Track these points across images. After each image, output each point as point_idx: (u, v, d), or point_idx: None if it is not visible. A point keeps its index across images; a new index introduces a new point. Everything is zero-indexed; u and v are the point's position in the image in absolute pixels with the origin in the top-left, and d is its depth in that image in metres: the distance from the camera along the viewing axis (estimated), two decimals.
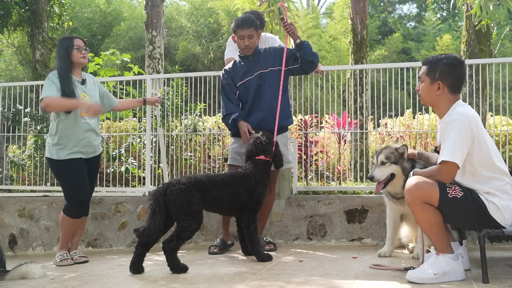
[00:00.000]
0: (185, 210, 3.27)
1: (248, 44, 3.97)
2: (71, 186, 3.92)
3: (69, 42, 3.98)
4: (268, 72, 3.99)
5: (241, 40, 4.01)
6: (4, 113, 5.55)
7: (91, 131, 3.98)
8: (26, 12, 8.18)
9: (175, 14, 18.63)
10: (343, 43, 16.85)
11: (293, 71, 4.04)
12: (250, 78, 3.99)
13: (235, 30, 4.02)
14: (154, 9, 7.37)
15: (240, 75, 4.02)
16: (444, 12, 21.92)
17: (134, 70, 7.43)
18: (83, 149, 3.93)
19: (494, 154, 2.91)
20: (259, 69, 4.00)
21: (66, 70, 3.91)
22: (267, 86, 3.97)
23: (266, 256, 3.56)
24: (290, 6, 6.33)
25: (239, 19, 4.07)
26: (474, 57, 5.90)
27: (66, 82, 3.85)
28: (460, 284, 2.78)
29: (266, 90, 3.97)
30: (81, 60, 3.98)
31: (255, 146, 3.63)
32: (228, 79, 4.05)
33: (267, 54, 4.05)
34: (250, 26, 3.95)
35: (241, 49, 4.05)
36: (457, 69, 2.99)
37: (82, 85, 3.99)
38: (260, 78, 3.98)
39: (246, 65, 4.03)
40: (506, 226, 2.86)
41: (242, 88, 4.00)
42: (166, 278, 3.16)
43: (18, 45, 12.32)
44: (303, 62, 3.93)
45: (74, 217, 3.94)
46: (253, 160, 3.62)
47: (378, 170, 3.38)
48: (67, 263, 3.88)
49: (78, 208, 3.94)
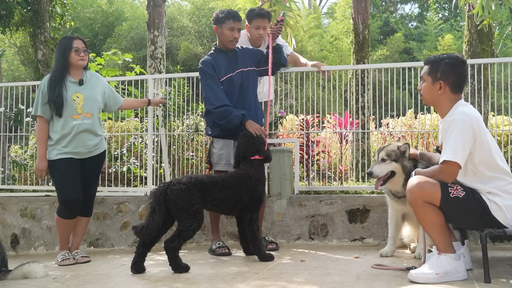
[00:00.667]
0: (186, 210, 3.28)
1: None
2: (60, 186, 3.90)
3: (67, 43, 3.94)
4: (248, 71, 4.02)
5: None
6: (6, 113, 5.56)
7: (86, 132, 3.93)
8: (28, 12, 8.20)
9: (176, 14, 18.66)
10: (345, 43, 16.85)
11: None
12: (232, 74, 3.96)
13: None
14: (156, 9, 7.38)
15: (223, 69, 3.95)
16: (446, 12, 21.88)
17: (136, 70, 7.44)
18: (74, 149, 3.90)
19: (496, 154, 2.91)
20: (239, 67, 3.99)
21: (60, 72, 3.90)
22: (248, 85, 4.00)
23: (268, 255, 3.56)
24: (292, 6, 6.32)
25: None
26: (476, 57, 5.90)
27: (55, 87, 3.85)
28: (462, 284, 2.78)
29: (248, 89, 4.00)
30: (79, 63, 3.94)
31: (249, 147, 3.63)
32: (211, 70, 3.92)
33: (245, 53, 4.08)
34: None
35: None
36: (459, 69, 2.99)
37: (80, 85, 3.95)
38: (241, 77, 3.98)
39: (226, 61, 3.98)
40: (508, 226, 2.86)
41: (224, 84, 3.94)
42: (168, 278, 3.16)
43: (20, 45, 12.36)
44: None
45: (65, 217, 3.91)
46: (248, 161, 3.63)
47: (377, 166, 3.39)
48: (68, 262, 3.87)
49: (69, 208, 3.89)
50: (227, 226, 4.51)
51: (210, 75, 3.91)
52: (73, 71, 3.95)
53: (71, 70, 3.94)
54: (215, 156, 3.99)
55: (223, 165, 3.95)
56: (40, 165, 3.91)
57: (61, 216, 3.92)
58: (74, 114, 3.89)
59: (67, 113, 3.87)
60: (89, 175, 4.01)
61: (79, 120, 3.91)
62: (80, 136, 3.91)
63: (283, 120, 5.46)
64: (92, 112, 3.97)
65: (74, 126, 3.89)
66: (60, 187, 3.90)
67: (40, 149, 3.92)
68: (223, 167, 3.94)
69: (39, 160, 3.91)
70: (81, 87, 3.96)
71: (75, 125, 3.89)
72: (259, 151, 3.65)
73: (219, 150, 3.97)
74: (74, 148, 3.90)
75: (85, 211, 4.05)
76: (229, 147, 3.95)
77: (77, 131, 3.89)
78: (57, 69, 3.92)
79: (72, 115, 3.88)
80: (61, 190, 3.90)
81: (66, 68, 3.92)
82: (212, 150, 4.03)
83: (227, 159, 3.94)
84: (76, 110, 3.90)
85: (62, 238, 4.00)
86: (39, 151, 3.93)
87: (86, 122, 3.93)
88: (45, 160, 3.90)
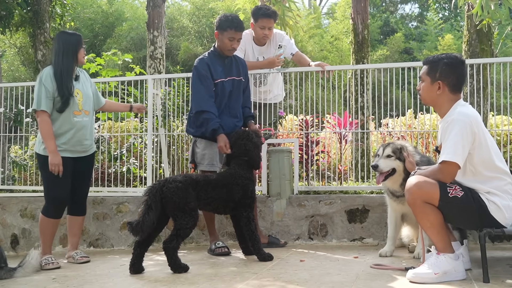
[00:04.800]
0: (182, 208, 3.29)
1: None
2: (48, 184, 3.83)
3: (78, 39, 3.89)
4: (239, 81, 4.02)
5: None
6: (6, 113, 5.56)
7: (84, 130, 3.90)
8: (28, 13, 8.20)
9: (176, 14, 18.65)
10: (345, 43, 16.84)
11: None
12: (223, 80, 3.93)
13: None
14: (156, 9, 7.38)
15: (218, 72, 3.92)
16: (446, 11, 21.87)
17: (136, 71, 7.44)
18: (72, 148, 3.86)
19: (495, 154, 2.91)
20: (232, 75, 3.98)
21: (70, 67, 3.82)
22: (236, 94, 4.00)
23: (267, 255, 3.57)
24: (291, 6, 6.33)
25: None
26: (476, 57, 5.89)
27: (66, 82, 3.78)
28: (461, 284, 2.78)
29: (236, 97, 3.99)
30: (83, 61, 3.97)
31: (238, 148, 3.67)
32: (207, 71, 3.86)
33: (238, 62, 4.07)
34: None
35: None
36: (457, 69, 3.00)
37: (76, 81, 3.91)
38: (232, 85, 3.97)
39: (221, 65, 3.96)
40: (506, 226, 2.86)
41: (217, 87, 3.91)
42: (167, 278, 3.17)
43: (20, 45, 12.37)
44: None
45: (52, 217, 3.86)
46: (238, 160, 3.66)
47: (383, 161, 3.41)
48: (52, 266, 3.75)
49: (56, 207, 3.86)
50: (226, 226, 4.52)
51: (203, 76, 3.85)
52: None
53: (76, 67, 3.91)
54: (199, 156, 3.97)
55: (206, 164, 3.94)
56: (54, 159, 3.72)
57: (47, 216, 3.86)
58: (76, 110, 3.86)
59: (69, 108, 3.82)
60: (83, 174, 3.98)
61: (80, 117, 3.88)
62: (80, 134, 3.88)
63: (283, 120, 5.46)
64: (89, 110, 3.96)
65: (76, 123, 3.85)
66: (49, 185, 3.83)
67: (51, 144, 3.73)
68: (206, 166, 3.94)
69: (52, 155, 3.72)
70: (77, 83, 3.92)
71: (76, 121, 3.85)
72: (247, 153, 3.66)
73: (202, 150, 3.96)
74: (72, 146, 3.86)
75: (80, 210, 4.04)
76: (211, 147, 3.93)
77: (78, 128, 3.86)
78: (67, 63, 3.81)
79: (74, 111, 3.84)
80: (49, 188, 3.83)
81: (75, 64, 3.88)
82: (195, 150, 4.00)
83: (210, 159, 3.94)
84: (78, 106, 3.87)
85: (45, 240, 3.91)
86: (49, 146, 3.73)
87: (85, 120, 3.91)
88: (58, 154, 3.75)
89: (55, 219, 3.89)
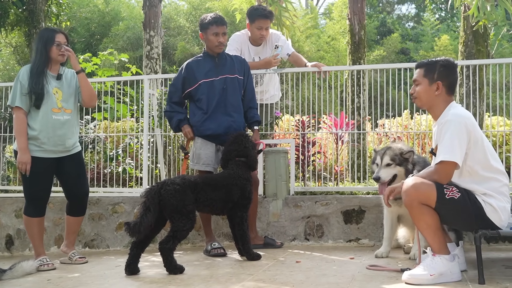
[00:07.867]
0: (179, 210, 3.29)
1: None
2: (27, 183, 3.78)
3: (50, 35, 3.83)
4: (233, 78, 4.01)
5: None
6: (1, 113, 5.53)
7: (65, 129, 3.84)
8: (23, 12, 8.16)
9: (173, 14, 18.63)
10: (342, 44, 16.85)
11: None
12: (214, 79, 3.96)
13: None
14: (152, 9, 7.34)
15: (203, 72, 3.97)
16: (443, 12, 21.95)
17: (132, 70, 7.42)
18: (53, 147, 3.80)
19: (490, 154, 2.93)
20: (224, 73, 3.99)
21: (41, 65, 3.79)
22: (232, 91, 3.99)
23: (255, 255, 3.62)
24: (288, 6, 6.32)
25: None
26: (472, 58, 5.89)
27: (37, 79, 3.75)
28: (456, 285, 2.78)
29: (230, 95, 3.99)
30: (59, 58, 3.85)
31: (237, 149, 3.69)
32: (190, 74, 3.98)
33: (233, 60, 4.08)
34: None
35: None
36: (452, 71, 3.07)
37: (57, 80, 3.87)
38: (225, 82, 3.97)
39: (210, 64, 4.00)
40: (502, 227, 2.87)
41: (204, 87, 3.95)
42: (163, 279, 3.16)
43: (16, 45, 12.31)
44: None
45: (33, 215, 3.81)
46: (235, 161, 3.68)
47: (384, 171, 3.41)
48: (47, 268, 3.72)
49: (34, 206, 3.81)
50: (222, 227, 4.51)
51: (181, 79, 4.01)
52: (52, 65, 3.86)
53: (51, 64, 3.85)
54: (195, 155, 4.00)
55: (201, 164, 3.96)
56: (22, 157, 3.70)
57: (28, 215, 3.82)
58: (54, 108, 3.81)
59: (47, 106, 3.77)
60: (74, 174, 3.92)
61: (59, 115, 3.83)
62: (60, 133, 3.81)
63: (279, 121, 5.45)
64: (71, 109, 3.90)
65: (55, 121, 3.80)
66: (28, 184, 3.78)
67: (21, 141, 3.71)
68: (201, 166, 3.96)
69: (21, 153, 3.70)
70: (59, 82, 3.88)
71: (55, 119, 3.80)
72: (245, 154, 3.69)
73: (198, 149, 3.98)
74: (53, 145, 3.80)
75: (80, 211, 4.01)
76: (207, 147, 3.95)
77: (57, 127, 3.80)
78: (38, 61, 3.80)
79: (52, 109, 3.80)
80: (28, 188, 3.79)
81: (47, 61, 3.82)
82: (198, 152, 4.02)
83: (205, 159, 3.95)
84: (56, 104, 3.82)
85: (34, 241, 3.87)
86: (19, 144, 3.72)
87: (65, 118, 3.85)
88: (28, 152, 3.71)
89: (36, 217, 3.85)
